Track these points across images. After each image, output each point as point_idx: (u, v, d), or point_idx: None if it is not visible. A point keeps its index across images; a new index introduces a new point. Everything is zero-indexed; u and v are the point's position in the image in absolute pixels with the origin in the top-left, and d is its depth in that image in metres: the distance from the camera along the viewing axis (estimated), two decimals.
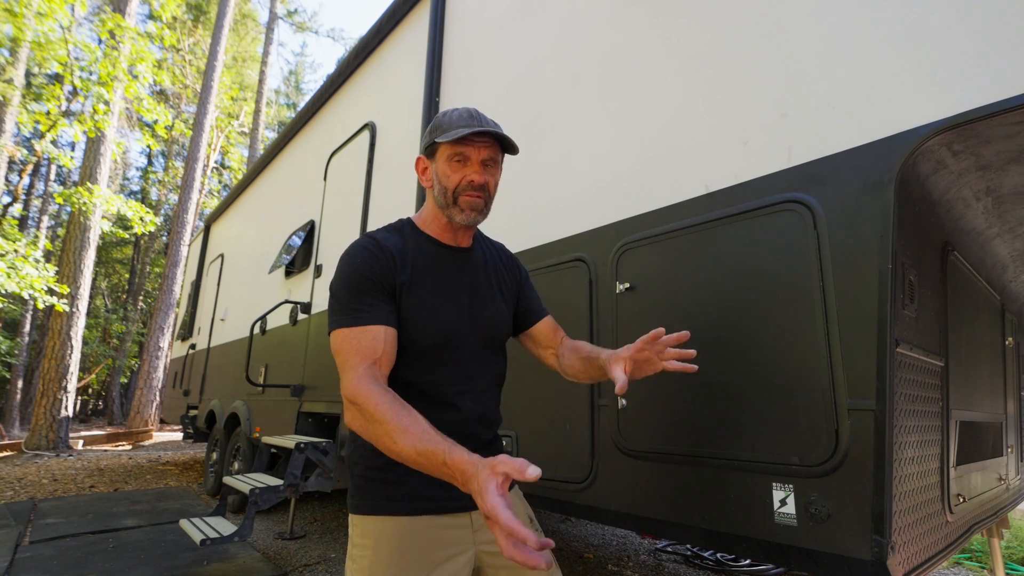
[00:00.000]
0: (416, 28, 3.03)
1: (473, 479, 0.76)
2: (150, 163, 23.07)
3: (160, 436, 11.74)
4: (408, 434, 0.87)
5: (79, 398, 18.82)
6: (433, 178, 1.13)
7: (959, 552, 3.62)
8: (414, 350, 1.07)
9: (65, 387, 8.62)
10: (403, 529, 1.02)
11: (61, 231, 19.67)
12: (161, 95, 19.23)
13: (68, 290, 8.36)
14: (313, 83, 27.75)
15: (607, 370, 1.09)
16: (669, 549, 3.54)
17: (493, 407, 1.19)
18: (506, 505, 0.70)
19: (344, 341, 1.00)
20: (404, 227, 1.17)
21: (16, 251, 7.68)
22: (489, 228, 1.96)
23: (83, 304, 9.05)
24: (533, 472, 0.70)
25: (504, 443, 1.94)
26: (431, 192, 1.15)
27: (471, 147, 1.08)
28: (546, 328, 1.31)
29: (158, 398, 11.70)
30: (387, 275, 1.06)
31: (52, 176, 20.51)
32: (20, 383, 16.79)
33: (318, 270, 3.56)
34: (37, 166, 19.48)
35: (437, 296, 1.10)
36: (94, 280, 19.65)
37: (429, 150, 1.13)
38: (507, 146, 1.11)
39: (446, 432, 1.03)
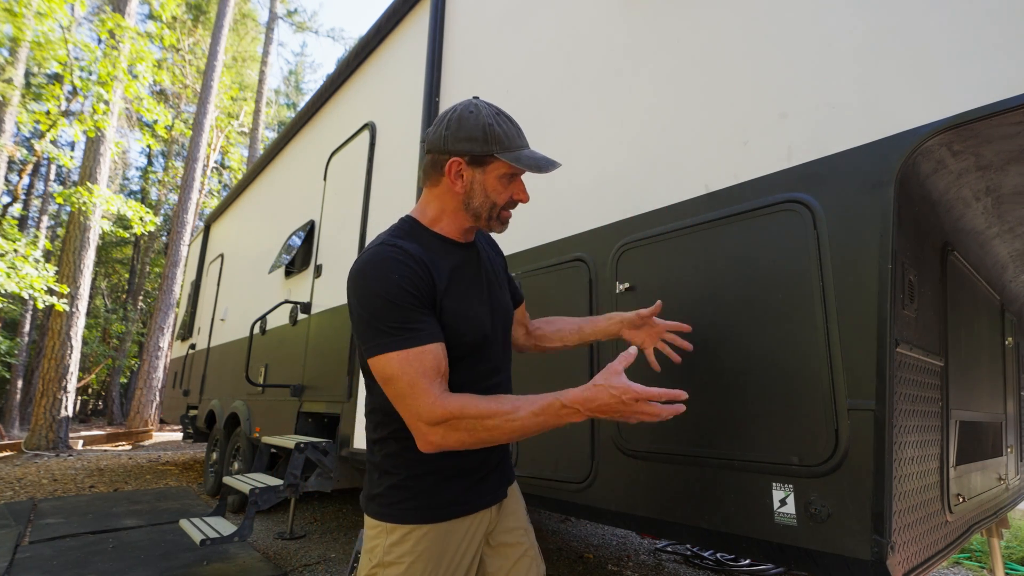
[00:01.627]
0: (416, 28, 3.03)
1: (599, 395, 0.90)
2: (150, 163, 23.08)
3: (160, 436, 11.74)
4: (519, 408, 0.94)
5: (79, 398, 18.82)
6: (473, 187, 1.07)
7: (959, 552, 3.62)
8: (456, 354, 1.05)
9: (65, 387, 8.61)
10: (442, 535, 1.04)
11: (61, 231, 19.66)
12: (161, 95, 19.23)
13: (68, 290, 8.36)
14: (313, 83, 27.76)
15: (609, 329, 1.32)
16: (669, 549, 3.54)
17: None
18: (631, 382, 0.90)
19: (404, 365, 0.94)
20: (415, 230, 1.11)
21: (16, 251, 7.68)
22: None
23: (83, 304, 9.05)
24: (632, 350, 0.97)
25: None
26: (459, 197, 1.08)
27: (531, 171, 1.07)
28: (522, 312, 1.39)
29: (158, 398, 11.70)
30: (427, 287, 1.01)
31: (52, 176, 20.52)
32: (20, 383, 16.78)
33: (318, 270, 3.56)
34: (37, 166, 19.47)
35: (467, 297, 1.09)
36: (94, 280, 19.65)
37: (478, 159, 1.05)
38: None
39: None
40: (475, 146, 1.04)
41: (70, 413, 8.78)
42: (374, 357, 0.96)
